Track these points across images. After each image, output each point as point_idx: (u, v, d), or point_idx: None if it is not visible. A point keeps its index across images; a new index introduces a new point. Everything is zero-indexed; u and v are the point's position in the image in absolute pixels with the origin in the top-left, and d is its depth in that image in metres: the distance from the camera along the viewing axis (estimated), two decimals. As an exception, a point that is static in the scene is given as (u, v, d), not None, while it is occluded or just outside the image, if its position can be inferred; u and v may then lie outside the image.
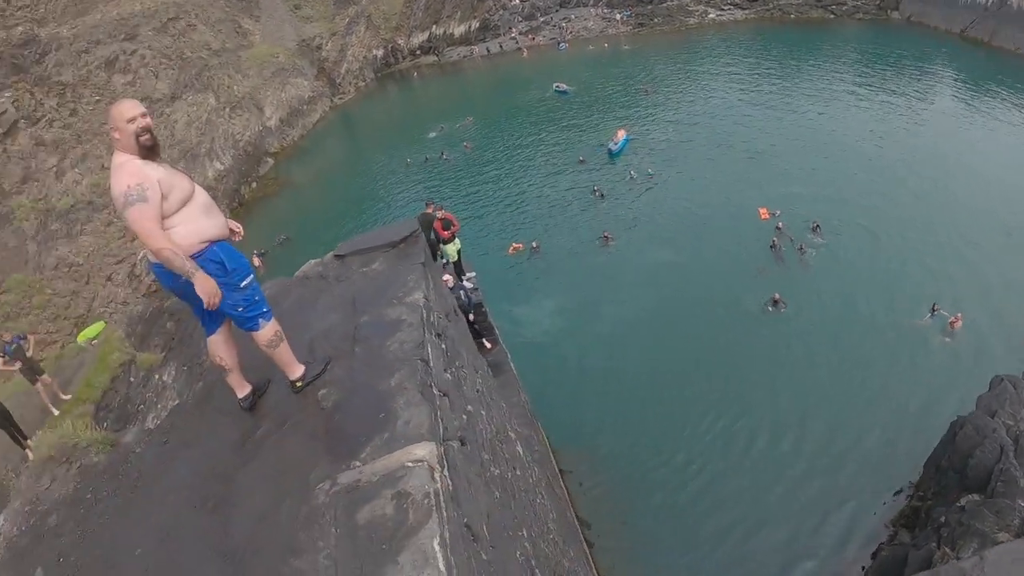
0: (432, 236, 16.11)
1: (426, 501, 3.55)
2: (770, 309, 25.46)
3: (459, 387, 5.42)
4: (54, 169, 36.67)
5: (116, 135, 4.21)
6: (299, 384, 5.01)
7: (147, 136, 4.24)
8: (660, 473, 20.07)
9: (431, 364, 4.72)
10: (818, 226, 29.90)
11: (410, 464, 3.78)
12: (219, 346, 4.96)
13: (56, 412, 14.26)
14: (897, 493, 18.07)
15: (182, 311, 20.43)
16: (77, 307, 33.11)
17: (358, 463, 3.99)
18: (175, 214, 4.19)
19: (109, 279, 35.42)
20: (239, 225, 5.03)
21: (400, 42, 73.00)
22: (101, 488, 6.07)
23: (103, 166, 38.32)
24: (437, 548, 3.30)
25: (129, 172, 4.10)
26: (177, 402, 16.72)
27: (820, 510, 18.23)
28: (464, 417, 5.10)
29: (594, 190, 36.58)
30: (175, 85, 47.31)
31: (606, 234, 32.07)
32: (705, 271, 28.60)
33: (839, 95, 46.68)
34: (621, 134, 41.97)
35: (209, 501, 4.76)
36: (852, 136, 39.75)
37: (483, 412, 6.12)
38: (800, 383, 22.41)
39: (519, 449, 8.11)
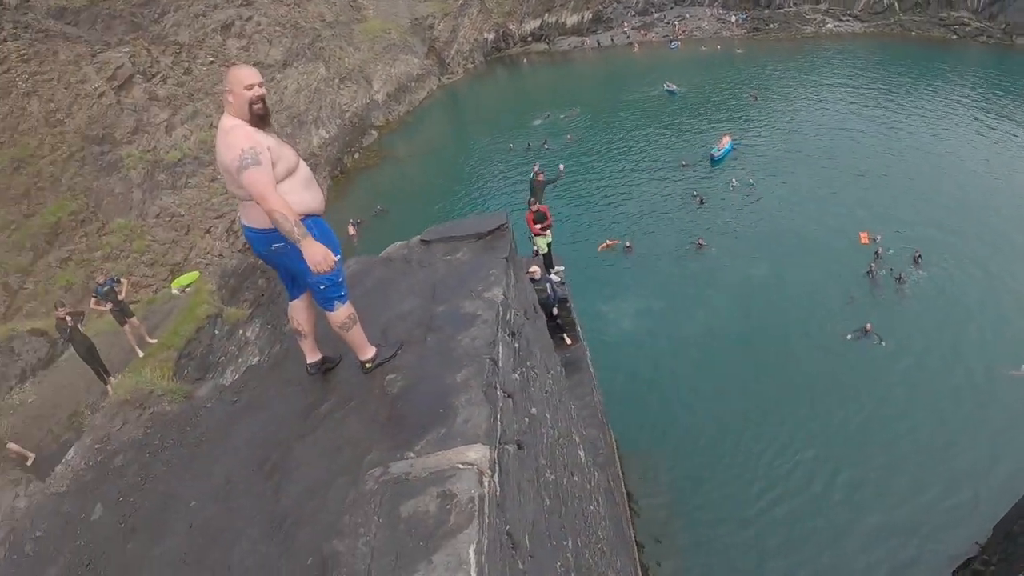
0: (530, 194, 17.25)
1: (470, 505, 3.52)
2: (859, 339, 24.33)
3: (526, 388, 5.34)
4: (164, 123, 38.42)
5: (230, 98, 4.28)
6: (368, 366, 5.05)
7: (260, 105, 4.31)
8: (725, 494, 19.57)
9: (499, 364, 4.65)
10: (920, 256, 28.38)
11: (461, 466, 3.74)
12: (300, 311, 5.08)
13: (141, 354, 14.95)
14: (965, 564, 17.00)
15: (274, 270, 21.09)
16: (174, 255, 34.69)
17: (411, 454, 3.97)
18: (279, 184, 4.25)
19: (208, 232, 36.94)
20: None
21: (512, 27, 73.13)
22: (168, 437, 6.28)
23: (211, 124, 39.89)
24: (472, 554, 3.27)
25: (243, 135, 4.17)
26: (256, 359, 17.33)
27: (888, 562, 17.40)
28: (526, 420, 5.02)
29: (694, 195, 35.94)
30: (287, 53, 48.76)
31: (700, 241, 31.47)
32: (796, 291, 27.61)
33: (957, 121, 44.15)
34: (726, 140, 41.01)
35: (266, 466, 4.87)
36: (967, 166, 37.59)
37: (548, 415, 6.03)
38: (882, 422, 21.33)
39: (581, 453, 7.99)
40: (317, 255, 4.22)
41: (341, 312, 4.79)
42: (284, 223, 4.11)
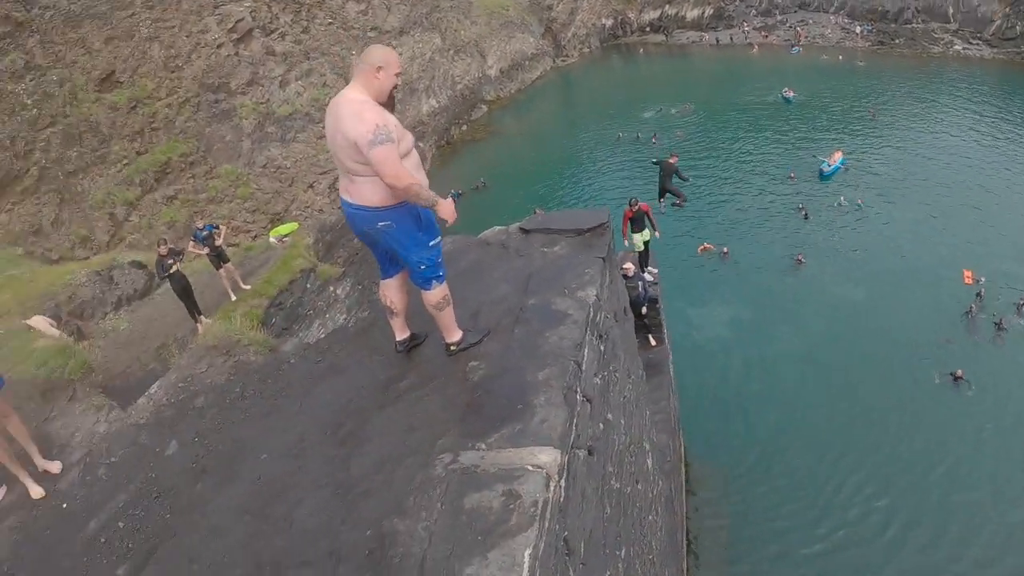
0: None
1: (533, 509, 3.49)
2: (949, 383, 22.95)
3: (605, 393, 5.23)
4: (279, 78, 39.56)
5: (379, 75, 4.34)
6: (453, 348, 5.07)
7: (395, 90, 4.51)
8: (788, 525, 18.78)
9: (583, 367, 4.56)
10: (1024, 305, 26.65)
11: (530, 468, 3.69)
12: (392, 290, 5.13)
13: (234, 298, 15.45)
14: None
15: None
16: (276, 205, 35.81)
17: (483, 446, 3.93)
18: None
19: (311, 187, 37.94)
20: None
21: (631, 15, 72.15)
22: (250, 387, 6.43)
23: (324, 84, 40.94)
24: (527, 558, 3.27)
25: (377, 112, 4.24)
26: (343, 317, 17.70)
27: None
28: (600, 426, 4.92)
29: (799, 207, 34.90)
30: (405, 20, 49.35)
31: (800, 256, 30.51)
32: (891, 322, 26.29)
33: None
34: (837, 156, 39.51)
35: (341, 431, 4.92)
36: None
37: (622, 421, 5.90)
38: (967, 477, 19.94)
39: (648, 462, 7.83)
40: (451, 207, 4.54)
41: (437, 292, 4.83)
42: (423, 191, 4.29)
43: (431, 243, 4.68)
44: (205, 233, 15.09)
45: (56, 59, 30.57)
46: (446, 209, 4.46)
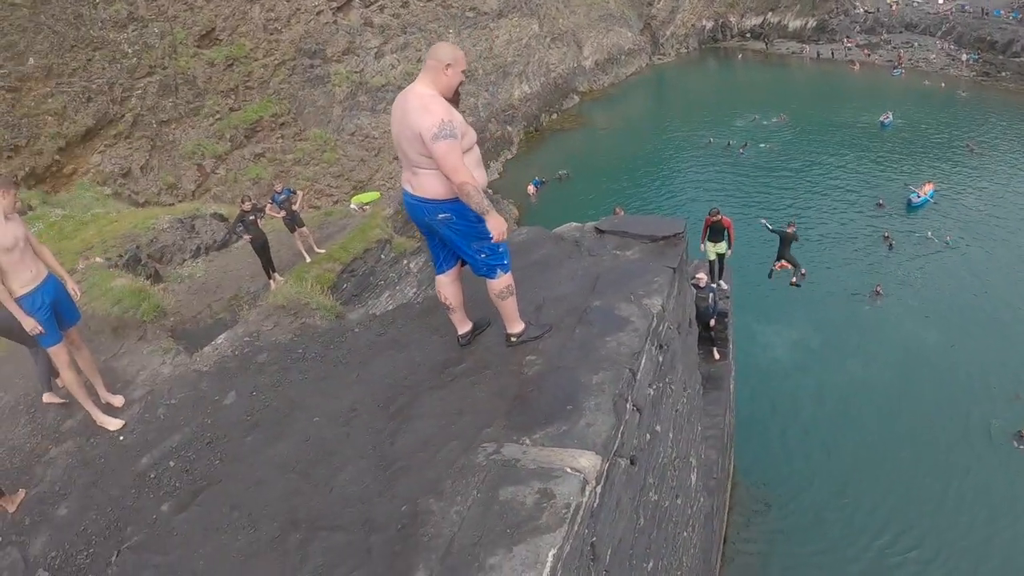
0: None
1: (564, 511, 3.51)
2: (1016, 444, 21.61)
3: (657, 404, 5.17)
4: (375, 50, 40.13)
5: (447, 72, 4.42)
6: (513, 339, 5.10)
7: (461, 87, 4.55)
8: (825, 560, 18.14)
9: (638, 376, 4.52)
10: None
11: (569, 470, 3.70)
12: (446, 286, 5.18)
13: (308, 259, 15.77)
14: None
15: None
16: (360, 173, 36.45)
17: (527, 441, 3.94)
18: None
19: (396, 159, 38.28)
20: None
21: (732, 20, 70.86)
22: (312, 350, 6.57)
23: (419, 59, 41.29)
24: (550, 558, 3.30)
25: (443, 106, 4.31)
26: (413, 291, 17.93)
27: None
28: (647, 436, 4.87)
29: (884, 236, 33.68)
30: (504, 4, 49.40)
31: (878, 288, 29.43)
32: (967, 370, 24.97)
33: None
34: (928, 188, 37.80)
35: (392, 406, 5.00)
36: None
37: (671, 434, 5.83)
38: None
39: (692, 477, 7.71)
40: (501, 225, 4.42)
41: (502, 280, 4.86)
42: (476, 195, 4.29)
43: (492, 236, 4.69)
44: (283, 197, 15.43)
45: (159, 12, 31.70)
46: (494, 223, 4.41)
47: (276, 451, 5.09)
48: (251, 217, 14.04)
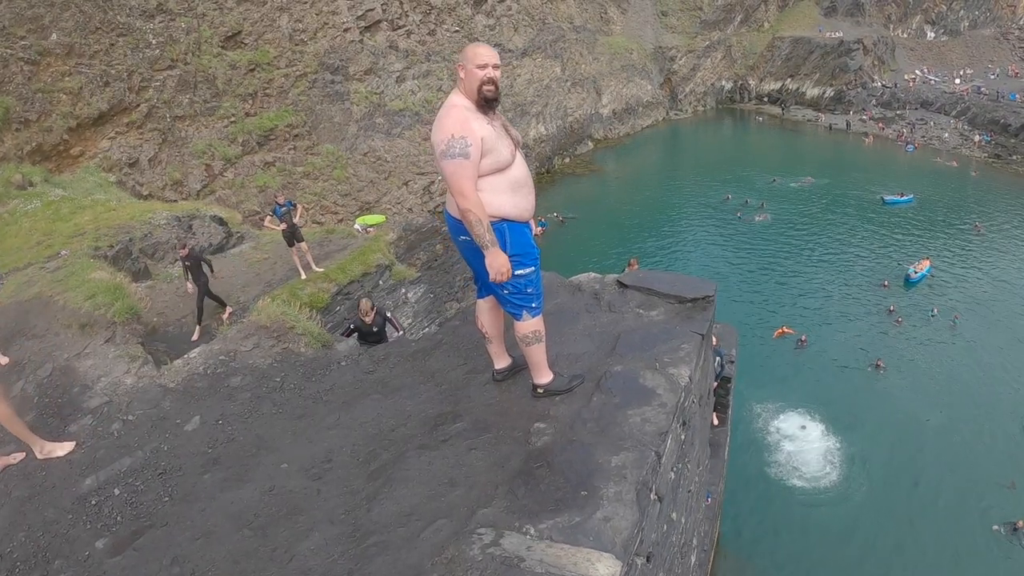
0: None
1: None
2: (1011, 534, 21.05)
3: (676, 489, 4.50)
4: (397, 74, 40.17)
5: (461, 74, 3.96)
6: (540, 391, 4.51)
7: (491, 88, 3.95)
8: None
9: (663, 460, 3.84)
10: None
11: (584, 579, 3.00)
12: (484, 313, 4.61)
13: (304, 276, 15.15)
14: None
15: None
16: (368, 195, 36.15)
17: (532, 531, 3.26)
18: (483, 178, 3.87)
19: (406, 184, 38.20)
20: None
21: (751, 82, 71.54)
22: (291, 379, 5.97)
23: (440, 88, 41.34)
24: None
25: (456, 120, 3.81)
26: (409, 322, 17.30)
27: None
28: (664, 527, 4.19)
29: (889, 310, 33.36)
30: (529, 44, 49.83)
31: (879, 361, 28.94)
32: (959, 454, 24.35)
33: None
34: (925, 264, 37.93)
35: (373, 463, 4.36)
36: None
37: (683, 519, 5.16)
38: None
39: (693, 559, 7.02)
40: (500, 266, 3.87)
41: (528, 324, 4.28)
42: (476, 225, 3.79)
43: (517, 272, 4.08)
44: (284, 209, 14.82)
45: (188, 8, 31.57)
46: (491, 260, 3.86)
47: (234, 497, 4.45)
48: (187, 263, 12.84)
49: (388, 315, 10.16)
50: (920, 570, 19.86)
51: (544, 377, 4.47)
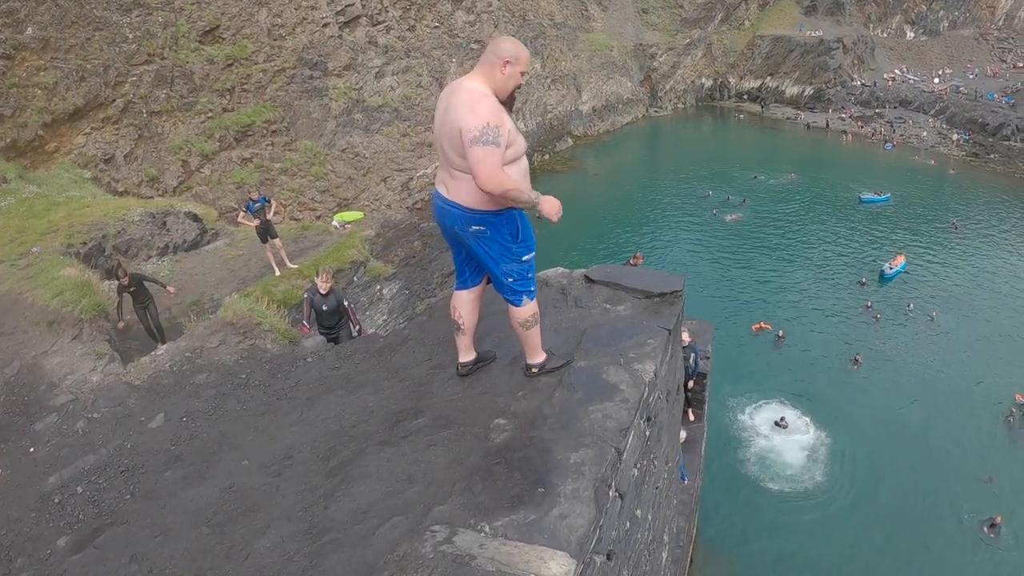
0: None
1: None
2: (986, 531, 21.06)
3: (639, 486, 4.48)
4: (376, 69, 39.94)
5: (504, 69, 4.01)
6: (535, 371, 4.57)
7: (517, 91, 4.17)
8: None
9: (623, 458, 3.82)
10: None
11: (535, 576, 2.98)
12: (464, 304, 4.60)
13: (278, 272, 15.05)
14: None
15: (433, 235, 21.12)
16: (346, 191, 35.93)
17: (487, 528, 3.23)
18: (504, 167, 3.93)
19: (384, 180, 38.00)
20: None
21: (731, 80, 71.88)
22: (256, 376, 5.93)
23: (419, 84, 41.20)
24: None
25: (492, 108, 3.90)
26: (384, 319, 17.23)
27: None
28: (627, 524, 4.17)
29: (866, 306, 33.68)
30: (509, 40, 49.68)
31: (858, 356, 29.22)
32: (939, 449, 24.43)
33: None
34: (900, 260, 38.26)
35: (332, 460, 4.32)
36: None
37: (649, 516, 5.14)
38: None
39: (664, 556, 7.02)
40: (555, 205, 4.03)
41: (527, 308, 4.35)
42: (522, 194, 3.87)
43: (524, 257, 4.28)
44: (258, 205, 14.67)
45: (166, 2, 31.21)
46: (549, 207, 4.00)
47: (194, 495, 4.41)
48: (132, 290, 11.93)
49: (346, 303, 10.21)
50: (898, 565, 19.99)
51: (538, 357, 4.57)
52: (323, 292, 9.86)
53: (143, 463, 5.03)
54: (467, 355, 4.79)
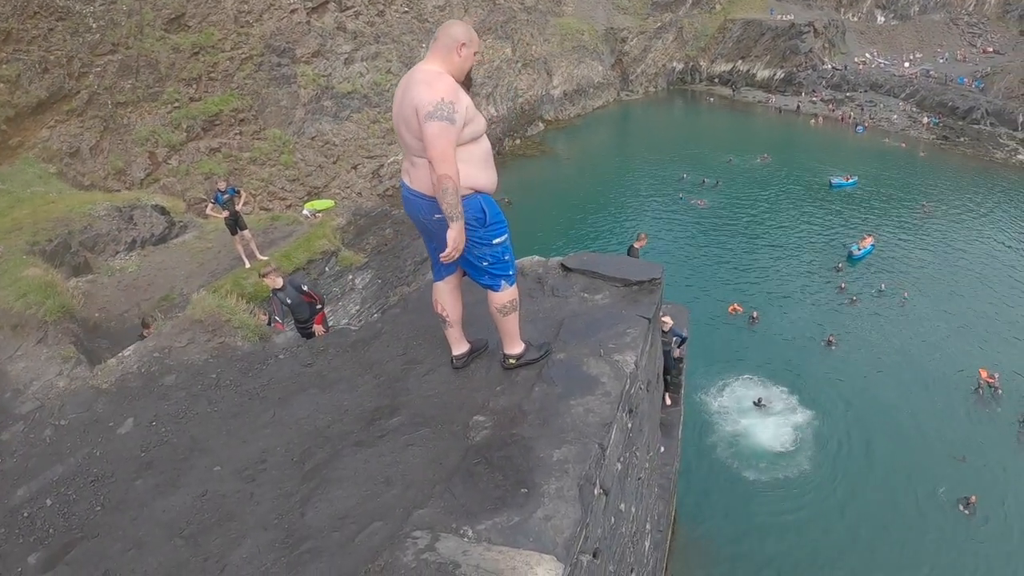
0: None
1: None
2: (962, 509, 21.53)
3: (623, 479, 4.40)
4: (345, 56, 39.43)
5: (461, 52, 4.02)
6: (512, 362, 4.46)
7: (472, 71, 4.20)
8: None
9: (607, 453, 3.74)
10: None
11: (521, 583, 2.88)
12: (444, 295, 4.50)
13: (248, 265, 14.80)
14: None
15: (405, 223, 20.89)
16: (316, 179, 35.49)
17: (469, 532, 3.13)
18: (461, 147, 3.86)
19: (355, 168, 37.58)
20: None
21: (702, 64, 71.96)
22: (227, 376, 5.76)
23: (389, 71, 40.74)
24: None
25: (448, 85, 3.86)
26: (356, 308, 17.01)
27: None
28: (611, 520, 4.09)
29: (840, 287, 34.17)
30: (480, 25, 49.35)
31: (831, 337, 29.61)
32: (913, 428, 24.98)
33: None
34: (868, 241, 39.03)
35: (307, 463, 4.18)
36: None
37: (633, 509, 5.08)
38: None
39: (647, 545, 6.98)
40: (457, 242, 3.83)
41: (506, 294, 4.27)
42: (451, 194, 3.74)
43: (495, 240, 4.18)
44: (227, 196, 14.39)
45: (130, -11, 30.46)
46: (458, 234, 3.82)
47: (166, 504, 4.26)
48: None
49: (305, 287, 10.00)
50: (874, 544, 20.32)
51: (516, 347, 4.46)
52: (279, 287, 9.68)
53: (113, 471, 4.83)
54: (460, 347, 4.69)
